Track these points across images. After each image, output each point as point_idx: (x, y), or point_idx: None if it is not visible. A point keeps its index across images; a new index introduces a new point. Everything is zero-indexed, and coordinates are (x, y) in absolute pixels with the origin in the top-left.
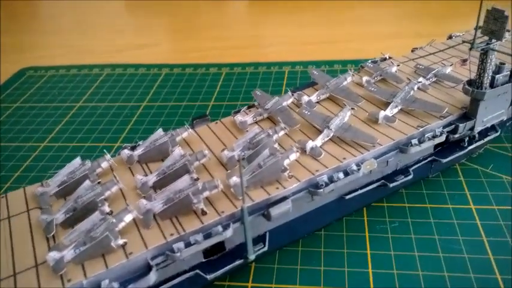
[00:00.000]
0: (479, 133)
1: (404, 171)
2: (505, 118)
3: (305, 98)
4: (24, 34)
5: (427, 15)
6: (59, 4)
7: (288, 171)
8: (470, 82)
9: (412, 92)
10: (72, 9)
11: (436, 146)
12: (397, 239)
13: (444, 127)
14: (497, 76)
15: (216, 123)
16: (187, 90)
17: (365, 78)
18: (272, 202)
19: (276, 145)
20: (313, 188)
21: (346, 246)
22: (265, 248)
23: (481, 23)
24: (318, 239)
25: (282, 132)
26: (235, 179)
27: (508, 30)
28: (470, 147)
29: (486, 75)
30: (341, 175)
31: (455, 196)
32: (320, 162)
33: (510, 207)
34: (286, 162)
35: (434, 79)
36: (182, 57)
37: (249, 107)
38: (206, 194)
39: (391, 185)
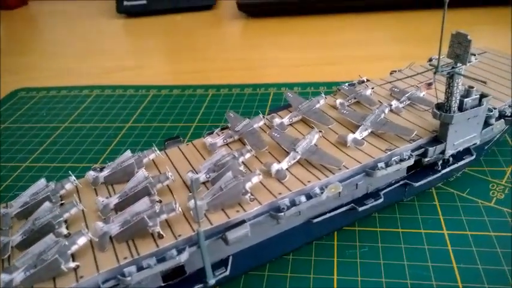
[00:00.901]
0: (454, 157)
1: (375, 194)
2: (478, 142)
3: (277, 120)
4: (20, 56)
5: (417, 39)
6: (57, 27)
7: (249, 194)
8: (438, 106)
9: (383, 115)
10: (70, 31)
11: (409, 169)
12: (366, 264)
13: (414, 150)
14: (465, 100)
15: (187, 145)
16: (172, 112)
17: (339, 101)
18: (230, 226)
19: (241, 167)
20: (274, 211)
21: (313, 271)
22: (227, 273)
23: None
24: (285, 264)
25: (248, 155)
26: (198, 203)
27: (474, 54)
28: (443, 171)
29: (454, 98)
30: (303, 198)
31: (428, 221)
32: (284, 185)
33: (483, 233)
34: (248, 185)
35: (408, 102)
36: (171, 78)
37: (223, 128)
38: (163, 216)
39: (360, 208)
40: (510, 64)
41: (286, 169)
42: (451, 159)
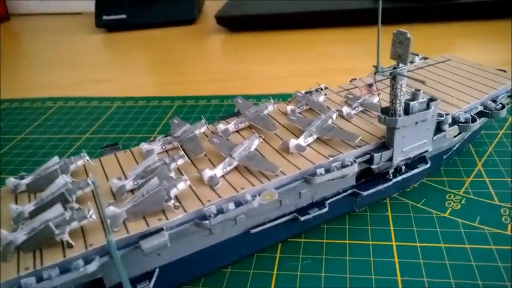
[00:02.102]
0: (408, 165)
1: (320, 204)
2: (430, 149)
3: (221, 127)
4: None
5: None
6: (36, 41)
7: (173, 201)
8: (384, 110)
9: (330, 121)
10: (47, 45)
11: (358, 178)
12: (306, 277)
13: (360, 157)
14: (412, 103)
15: (125, 152)
16: (133, 123)
17: (289, 107)
18: (145, 234)
19: (172, 174)
20: (200, 219)
21: (250, 284)
22: (150, 286)
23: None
24: (221, 277)
25: (180, 161)
26: (112, 209)
27: (417, 54)
28: (394, 180)
29: (398, 101)
30: (231, 206)
31: (378, 232)
32: (216, 192)
33: (433, 244)
34: (174, 191)
35: (361, 108)
36: (139, 91)
37: (166, 136)
38: (74, 224)
39: (303, 218)
40: (472, 72)
41: (222, 176)
42: (403, 167)
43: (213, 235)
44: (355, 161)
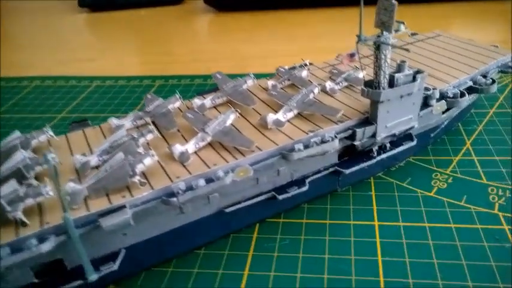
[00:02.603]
0: (393, 143)
1: (300, 182)
2: (416, 125)
3: (196, 102)
4: None
5: None
6: (20, 23)
7: (138, 177)
8: (367, 83)
9: (311, 95)
10: (30, 27)
11: (341, 156)
12: (283, 258)
13: (341, 132)
14: (397, 75)
15: (94, 128)
16: (112, 102)
17: (270, 82)
18: (106, 212)
19: (140, 149)
20: (167, 196)
21: (224, 267)
22: (115, 267)
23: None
24: (194, 259)
25: (149, 135)
26: (71, 186)
27: (402, 22)
28: (379, 158)
29: (382, 73)
30: (202, 182)
31: (360, 212)
32: (186, 169)
33: (417, 224)
34: (140, 167)
35: (345, 84)
36: (121, 69)
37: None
38: (29, 201)
39: (281, 197)
40: (463, 47)
41: (195, 152)
42: (388, 145)
43: (185, 214)
44: (336, 137)
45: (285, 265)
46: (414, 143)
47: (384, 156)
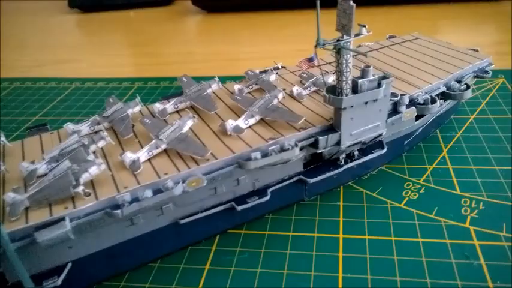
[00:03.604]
0: (363, 151)
1: (262, 192)
2: (384, 132)
3: (158, 106)
4: None
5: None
6: (6, 23)
7: (82, 187)
8: (329, 88)
9: (275, 101)
10: (17, 27)
11: (308, 164)
12: (240, 273)
13: (303, 140)
14: (360, 81)
15: (52, 133)
16: (88, 104)
17: (237, 86)
18: (44, 224)
19: (91, 156)
20: (113, 208)
21: (177, 282)
22: (58, 282)
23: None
24: (147, 272)
25: (101, 142)
26: (11, 196)
27: (364, 26)
28: (346, 166)
29: (344, 78)
30: (149, 193)
31: (325, 223)
32: (136, 178)
33: (382, 237)
34: (85, 176)
35: (313, 88)
36: (103, 71)
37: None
38: None
39: (240, 207)
40: (439, 50)
41: (149, 160)
42: (356, 153)
43: (137, 226)
44: (296, 145)
45: (241, 280)
46: (384, 151)
47: (351, 164)
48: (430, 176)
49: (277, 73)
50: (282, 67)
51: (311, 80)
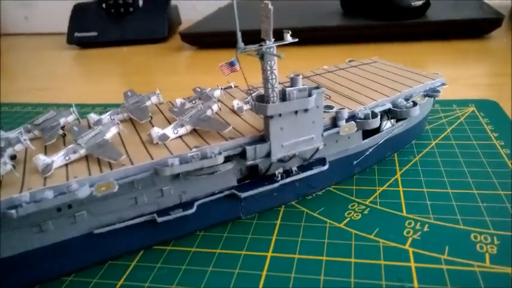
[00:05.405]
0: (303, 167)
1: (190, 205)
2: (320, 146)
3: (92, 116)
4: None
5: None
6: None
7: None
8: (259, 97)
9: (209, 112)
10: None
11: (242, 179)
12: None
13: (230, 149)
14: (289, 89)
15: None
16: None
17: (179, 100)
18: None
19: (3, 158)
20: (10, 209)
21: None
22: None
23: None
24: (56, 287)
25: (19, 146)
26: None
27: (288, 32)
28: (282, 182)
29: (270, 85)
30: (49, 194)
31: (256, 241)
32: (45, 181)
33: (313, 257)
34: None
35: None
36: (82, 98)
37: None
38: None
39: (161, 219)
40: (393, 71)
41: (66, 165)
42: (294, 169)
43: (46, 233)
44: (220, 153)
45: None
46: (326, 167)
47: (288, 180)
48: (377, 198)
49: (222, 88)
50: (235, 86)
51: (254, 94)
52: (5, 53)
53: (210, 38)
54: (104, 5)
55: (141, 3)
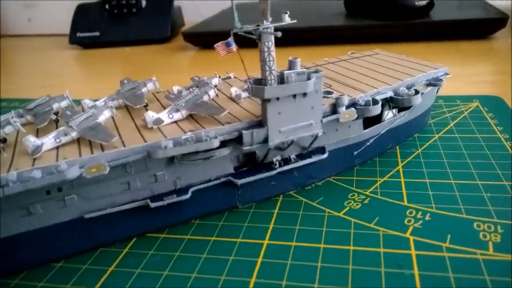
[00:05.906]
0: (302, 156)
1: (185, 191)
2: (319, 132)
3: (87, 102)
4: None
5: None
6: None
7: None
8: (257, 80)
9: (205, 97)
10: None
11: (239, 168)
12: (144, 275)
13: (226, 134)
14: (287, 72)
15: None
16: None
17: (176, 88)
18: None
19: None
20: None
21: (74, 282)
22: None
23: None
24: (45, 272)
25: (9, 128)
26: None
27: (286, 12)
28: (280, 169)
29: (267, 67)
30: (37, 173)
31: (253, 230)
32: (33, 162)
33: (310, 244)
34: None
35: None
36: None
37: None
38: None
39: (154, 205)
40: (396, 62)
41: (57, 147)
42: (292, 157)
43: (34, 217)
44: (216, 137)
45: (143, 282)
46: (325, 156)
47: (286, 168)
48: (378, 188)
49: (220, 77)
50: (234, 77)
51: (252, 79)
52: (7, 54)
53: (213, 38)
54: (107, 6)
55: (144, 4)
